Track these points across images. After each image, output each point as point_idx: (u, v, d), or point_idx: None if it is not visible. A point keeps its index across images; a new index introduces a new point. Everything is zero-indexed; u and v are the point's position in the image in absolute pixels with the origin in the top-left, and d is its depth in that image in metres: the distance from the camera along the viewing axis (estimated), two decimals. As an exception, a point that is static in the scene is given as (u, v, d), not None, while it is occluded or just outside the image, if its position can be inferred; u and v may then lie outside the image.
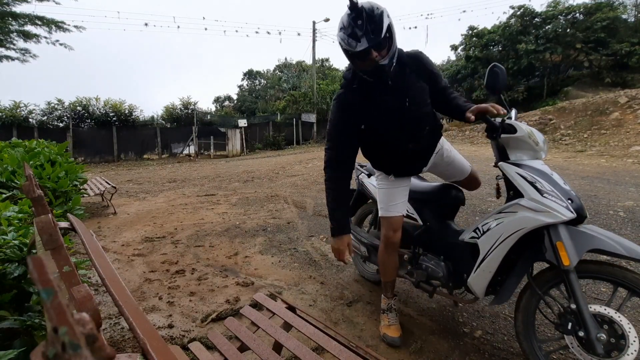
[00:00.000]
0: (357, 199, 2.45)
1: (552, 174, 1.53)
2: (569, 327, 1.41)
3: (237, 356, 1.30)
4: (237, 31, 38.58)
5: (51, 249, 0.87)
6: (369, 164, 2.18)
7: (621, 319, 1.34)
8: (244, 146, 18.63)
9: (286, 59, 37.25)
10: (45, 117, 16.80)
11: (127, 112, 18.32)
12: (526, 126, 1.58)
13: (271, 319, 1.49)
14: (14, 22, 13.34)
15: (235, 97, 37.11)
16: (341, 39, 1.50)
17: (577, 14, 17.43)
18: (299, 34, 39.24)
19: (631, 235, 3.22)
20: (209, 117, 22.88)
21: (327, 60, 35.34)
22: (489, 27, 19.97)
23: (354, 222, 2.55)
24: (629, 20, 17.68)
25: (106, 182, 5.55)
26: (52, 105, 16.83)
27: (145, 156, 17.71)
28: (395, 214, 1.88)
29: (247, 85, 38.24)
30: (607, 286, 2.30)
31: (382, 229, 1.94)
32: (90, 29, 31.86)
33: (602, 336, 1.34)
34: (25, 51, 14.23)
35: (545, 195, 1.45)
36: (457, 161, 2.00)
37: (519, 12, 18.46)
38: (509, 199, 1.63)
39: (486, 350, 1.81)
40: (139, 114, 19.14)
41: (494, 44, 19.53)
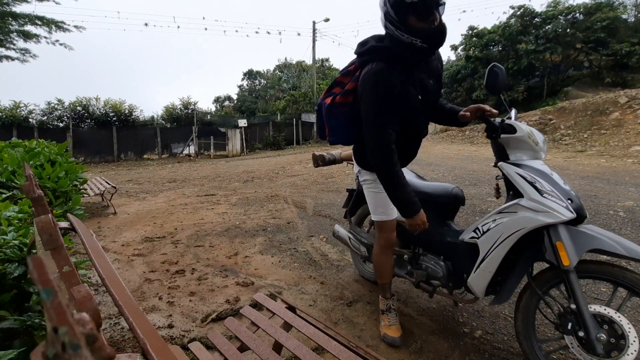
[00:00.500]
0: (357, 199, 2.45)
1: (552, 174, 1.53)
2: (569, 327, 1.41)
3: (237, 356, 1.30)
4: (237, 31, 38.75)
5: (51, 249, 0.87)
6: None
7: (621, 319, 1.34)
8: (244, 146, 18.63)
9: (286, 59, 37.37)
10: (45, 117, 16.80)
11: (127, 112, 18.32)
12: (526, 126, 1.58)
13: (271, 319, 1.49)
14: (14, 22, 13.35)
15: (235, 97, 37.18)
16: None
17: (577, 14, 17.43)
18: (299, 34, 39.35)
19: (631, 235, 3.22)
20: (209, 117, 22.89)
21: (327, 60, 35.44)
22: (489, 27, 19.97)
23: (354, 222, 2.55)
24: (629, 20, 17.68)
25: (106, 182, 5.55)
26: (52, 105, 16.84)
27: (145, 156, 17.71)
28: (394, 217, 1.88)
29: (247, 85, 38.29)
30: (607, 286, 2.30)
31: (379, 233, 1.93)
32: (90, 29, 31.97)
33: (602, 336, 1.34)
34: (25, 51, 14.25)
35: (545, 195, 1.45)
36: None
37: (519, 12, 18.46)
38: (508, 199, 1.63)
39: (486, 350, 1.81)
40: (139, 114, 19.18)
41: (494, 44, 19.53)
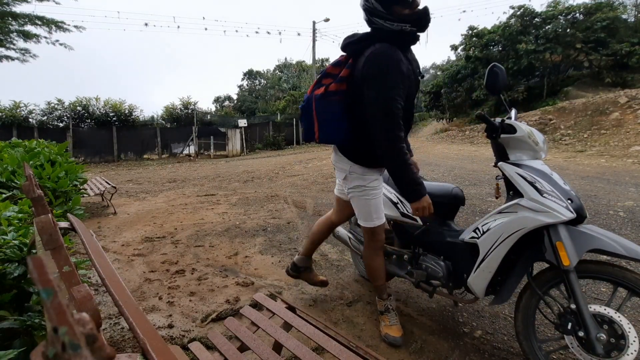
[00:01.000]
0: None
1: (552, 174, 1.53)
2: (569, 327, 1.41)
3: (237, 356, 1.30)
4: (237, 31, 38.62)
5: (51, 249, 0.87)
6: None
7: (621, 319, 1.34)
8: (244, 146, 18.63)
9: (286, 59, 37.40)
10: (45, 117, 16.79)
11: (127, 112, 18.31)
12: (526, 126, 1.58)
13: (271, 319, 1.49)
14: (14, 22, 13.33)
15: (235, 97, 37.19)
16: None
17: (577, 14, 17.41)
18: (299, 34, 39.38)
19: (631, 235, 3.22)
20: (209, 117, 22.88)
21: (327, 60, 35.37)
22: (489, 27, 19.93)
23: (354, 222, 2.55)
24: (629, 20, 17.66)
25: (106, 182, 5.55)
26: (52, 105, 16.83)
27: (145, 156, 17.70)
28: (383, 221, 1.84)
29: (247, 85, 38.29)
30: (607, 286, 2.31)
31: (371, 237, 1.88)
32: (90, 29, 31.88)
33: (602, 336, 1.34)
34: (25, 51, 14.21)
35: (545, 195, 1.45)
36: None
37: (519, 12, 18.44)
38: (508, 199, 1.63)
39: (486, 350, 1.81)
40: (139, 114, 19.17)
41: (494, 44, 19.49)
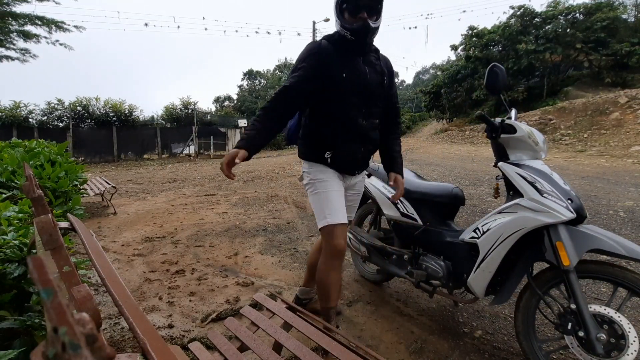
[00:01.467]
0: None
1: (552, 174, 1.53)
2: (569, 327, 1.41)
3: (237, 356, 1.30)
4: (237, 31, 38.73)
5: (51, 249, 0.87)
6: (371, 163, 2.17)
7: (621, 319, 1.34)
8: (244, 146, 18.59)
9: (286, 59, 37.36)
10: (45, 117, 16.78)
11: (127, 112, 18.29)
12: (526, 126, 1.59)
13: (271, 319, 1.49)
14: (14, 22, 13.33)
15: (235, 97, 37.12)
16: None
17: (577, 14, 17.42)
18: (299, 34, 39.41)
19: (631, 235, 3.22)
20: (209, 117, 22.86)
21: (327, 60, 35.30)
22: (489, 27, 19.95)
23: (354, 222, 2.55)
24: (629, 20, 17.67)
25: (106, 182, 5.55)
26: (52, 105, 16.82)
27: (145, 156, 17.70)
28: (344, 220, 1.64)
29: (247, 85, 38.25)
30: (607, 286, 2.31)
31: (326, 241, 1.64)
32: (90, 29, 31.74)
33: (602, 336, 1.34)
34: (25, 51, 14.21)
35: (545, 195, 1.45)
36: (353, 208, 1.92)
37: (519, 12, 18.45)
38: (508, 199, 1.63)
39: (486, 350, 1.81)
40: (139, 114, 19.13)
41: (494, 44, 19.51)
